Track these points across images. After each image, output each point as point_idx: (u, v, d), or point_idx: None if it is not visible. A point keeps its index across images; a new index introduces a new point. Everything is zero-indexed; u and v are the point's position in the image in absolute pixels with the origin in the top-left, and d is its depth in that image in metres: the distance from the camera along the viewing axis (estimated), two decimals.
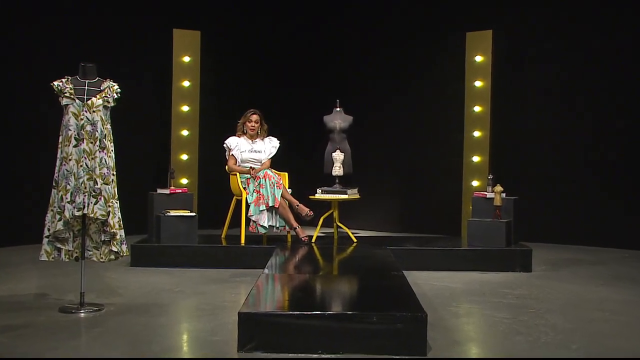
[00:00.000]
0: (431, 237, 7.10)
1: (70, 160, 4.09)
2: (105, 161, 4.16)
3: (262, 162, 6.29)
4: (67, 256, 4.24)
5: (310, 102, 8.26)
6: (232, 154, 6.25)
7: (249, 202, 5.99)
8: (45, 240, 4.18)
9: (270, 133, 6.43)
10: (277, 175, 6.09)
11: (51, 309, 4.15)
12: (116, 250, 4.23)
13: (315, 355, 3.28)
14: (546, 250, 6.76)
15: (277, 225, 6.07)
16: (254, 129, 6.30)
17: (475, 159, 7.32)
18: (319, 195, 6.36)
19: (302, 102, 8.44)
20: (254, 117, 6.30)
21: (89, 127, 4.12)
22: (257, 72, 8.42)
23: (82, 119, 4.12)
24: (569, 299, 4.66)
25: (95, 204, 4.10)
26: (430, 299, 4.57)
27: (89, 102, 4.15)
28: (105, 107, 4.19)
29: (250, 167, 6.12)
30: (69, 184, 4.09)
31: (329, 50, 8.49)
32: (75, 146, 4.10)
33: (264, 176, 5.98)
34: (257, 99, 7.80)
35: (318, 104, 7.35)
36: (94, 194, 4.10)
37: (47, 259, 4.21)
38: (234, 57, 8.32)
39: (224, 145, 6.32)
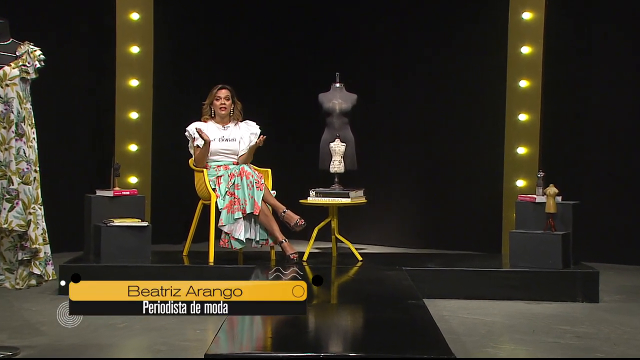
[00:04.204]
0: (461, 254, 7.12)
1: None
2: (25, 153, 4.14)
3: (239, 154, 6.25)
4: None
5: (301, 75, 8.24)
6: (198, 145, 6.22)
7: (219, 207, 5.98)
8: None
9: (247, 116, 6.40)
10: (257, 172, 6.06)
11: None
12: (39, 272, 4.19)
13: None
14: (617, 274, 6.74)
15: (257, 239, 6.07)
16: (224, 108, 6.26)
17: (521, 150, 7.31)
18: (313, 198, 6.34)
19: (291, 75, 8.41)
20: (223, 93, 6.27)
21: (0, 107, 4.10)
22: (231, 35, 8.39)
23: None
24: None
25: (10, 211, 4.08)
26: (460, 336, 4.58)
27: (1, 72, 4.13)
28: (23, 79, 4.17)
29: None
30: None
31: (327, 8, 8.45)
32: None
33: (240, 174, 5.96)
34: (230, 71, 7.79)
35: (312, 77, 7.33)
36: (8, 197, 4.08)
37: None
38: (200, 15, 8.28)
39: (186, 133, 6.29)
